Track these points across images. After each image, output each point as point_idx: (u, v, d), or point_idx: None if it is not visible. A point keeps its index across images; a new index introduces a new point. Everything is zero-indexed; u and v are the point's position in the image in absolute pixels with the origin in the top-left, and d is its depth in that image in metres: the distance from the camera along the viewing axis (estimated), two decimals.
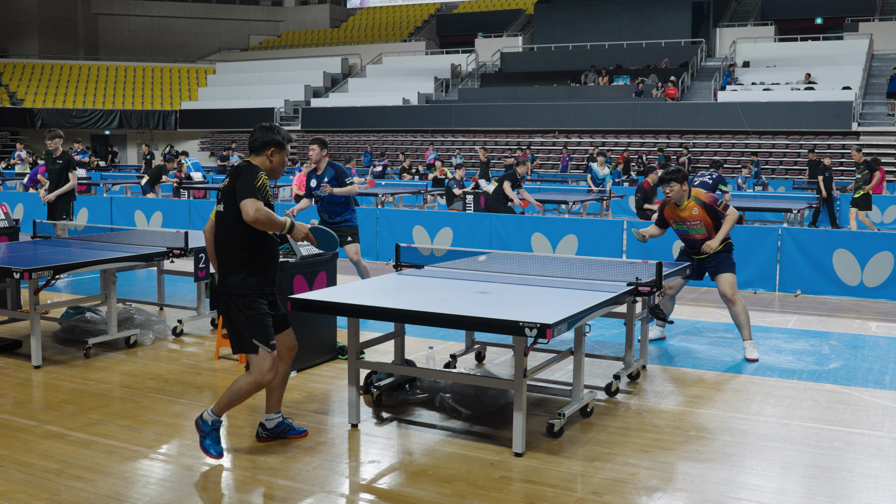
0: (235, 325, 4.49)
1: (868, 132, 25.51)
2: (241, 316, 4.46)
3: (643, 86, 29.18)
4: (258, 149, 4.57)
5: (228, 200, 4.43)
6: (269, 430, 4.91)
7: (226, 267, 4.50)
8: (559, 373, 6.38)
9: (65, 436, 5.00)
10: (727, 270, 7.04)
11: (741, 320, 7.03)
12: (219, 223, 4.53)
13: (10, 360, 6.76)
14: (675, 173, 6.96)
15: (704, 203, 6.98)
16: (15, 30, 40.40)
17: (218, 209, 4.53)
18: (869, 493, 4.32)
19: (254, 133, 4.58)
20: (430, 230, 12.23)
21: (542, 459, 4.70)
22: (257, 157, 4.57)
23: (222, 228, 4.49)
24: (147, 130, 36.58)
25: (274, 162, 4.59)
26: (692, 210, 6.99)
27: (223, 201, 4.48)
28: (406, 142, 31.28)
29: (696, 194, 7.05)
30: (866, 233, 10.19)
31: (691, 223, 7.04)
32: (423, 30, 40.89)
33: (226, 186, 4.47)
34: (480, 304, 5.05)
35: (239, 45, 43.93)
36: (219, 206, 4.52)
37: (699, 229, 7.04)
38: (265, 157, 4.57)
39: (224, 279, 4.50)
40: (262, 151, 4.57)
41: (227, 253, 4.49)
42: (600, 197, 17.26)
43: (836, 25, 32.44)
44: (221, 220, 4.49)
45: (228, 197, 4.43)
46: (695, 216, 6.99)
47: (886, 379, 6.40)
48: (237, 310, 4.47)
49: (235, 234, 4.44)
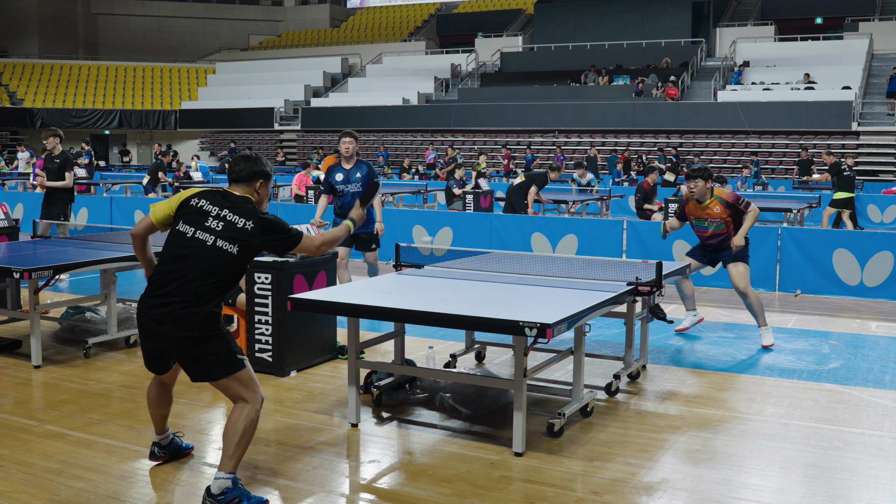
0: (219, 351, 3.99)
1: (868, 132, 25.50)
2: (222, 341, 4.02)
3: (643, 86, 29.18)
4: (246, 179, 4.16)
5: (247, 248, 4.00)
6: (165, 448, 4.57)
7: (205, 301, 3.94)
8: (559, 372, 6.38)
9: (65, 436, 5.00)
10: (741, 260, 7.34)
11: (756, 309, 7.34)
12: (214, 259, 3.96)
13: (10, 360, 6.75)
14: (700, 171, 7.31)
15: (727, 202, 7.29)
16: (15, 30, 40.41)
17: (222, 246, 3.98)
18: (869, 493, 4.32)
19: (238, 163, 4.18)
20: (430, 230, 12.23)
21: (542, 459, 4.70)
22: (244, 188, 4.16)
23: (218, 266, 3.96)
24: (147, 130, 36.59)
25: (261, 194, 4.21)
26: (714, 208, 7.31)
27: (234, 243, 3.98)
28: (406, 142, 31.28)
29: (718, 193, 7.36)
30: (866, 232, 10.19)
31: (712, 220, 7.34)
32: (423, 30, 40.89)
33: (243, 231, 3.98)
34: (480, 304, 5.05)
35: (239, 45, 43.94)
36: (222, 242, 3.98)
37: (719, 226, 7.34)
38: (253, 188, 4.17)
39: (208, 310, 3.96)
40: (251, 182, 4.17)
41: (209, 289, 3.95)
42: (599, 197, 17.27)
43: (836, 25, 32.44)
44: (222, 259, 3.97)
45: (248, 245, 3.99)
46: (716, 213, 7.30)
47: (886, 378, 6.40)
48: (219, 337, 4.01)
49: (231, 272, 4.01)
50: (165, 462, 4.57)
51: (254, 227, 4.01)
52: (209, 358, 4.00)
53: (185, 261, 3.97)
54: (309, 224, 6.84)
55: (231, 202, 4.09)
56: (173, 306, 3.92)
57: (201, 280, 3.95)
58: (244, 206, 4.08)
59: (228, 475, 3.96)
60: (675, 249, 10.41)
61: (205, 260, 3.97)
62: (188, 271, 3.95)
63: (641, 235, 10.78)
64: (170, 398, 4.47)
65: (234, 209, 4.06)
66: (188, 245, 4.00)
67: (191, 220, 4.04)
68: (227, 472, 3.95)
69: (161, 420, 4.51)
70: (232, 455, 3.96)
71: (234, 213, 4.04)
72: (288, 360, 6.35)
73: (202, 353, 3.99)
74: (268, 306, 6.31)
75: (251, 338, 6.42)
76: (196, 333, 3.94)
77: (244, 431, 3.99)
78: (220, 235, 3.99)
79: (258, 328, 6.37)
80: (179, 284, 3.94)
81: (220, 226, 4.01)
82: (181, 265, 3.97)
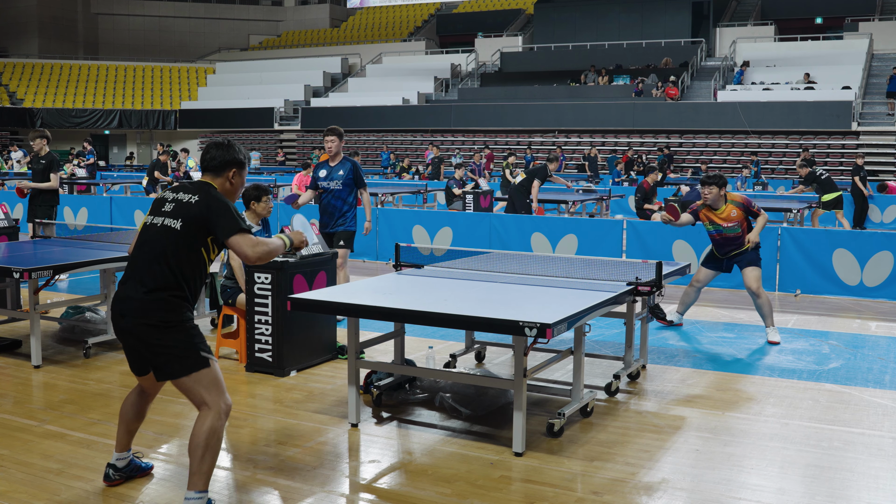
0: (180, 344, 3.81)
1: (868, 132, 25.51)
2: (186, 335, 3.83)
3: (643, 86, 29.17)
4: (217, 168, 4.00)
5: (189, 221, 3.85)
6: (121, 470, 4.30)
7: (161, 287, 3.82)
8: (559, 372, 6.38)
9: (65, 436, 5.00)
10: (754, 265, 7.55)
11: (765, 311, 7.54)
12: (163, 239, 3.86)
13: (10, 360, 6.75)
14: (715, 178, 7.57)
15: (741, 204, 7.54)
16: (15, 30, 40.41)
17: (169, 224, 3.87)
18: (869, 493, 4.32)
19: (209, 151, 4.03)
20: (430, 230, 12.23)
21: (542, 459, 4.70)
22: (216, 178, 4.01)
23: (167, 246, 3.84)
24: (147, 130, 36.59)
25: (234, 184, 4.06)
26: (730, 212, 7.54)
27: (178, 218, 3.86)
28: (406, 142, 31.28)
29: (731, 198, 7.60)
30: (866, 232, 10.19)
31: (728, 224, 7.55)
32: (422, 29, 40.89)
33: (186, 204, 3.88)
34: (480, 304, 5.05)
35: (239, 45, 43.94)
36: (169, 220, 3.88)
37: (735, 229, 7.55)
38: (225, 178, 4.02)
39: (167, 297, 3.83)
40: (223, 172, 4.01)
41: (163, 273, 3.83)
42: (598, 197, 17.26)
43: (836, 25, 32.43)
44: (168, 236, 3.85)
45: (190, 218, 3.85)
46: (733, 218, 7.53)
47: (886, 378, 6.40)
48: (181, 329, 3.83)
49: (178, 251, 3.85)
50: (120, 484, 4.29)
51: (198, 201, 3.87)
52: (169, 350, 3.79)
53: (143, 247, 3.92)
54: (310, 224, 6.84)
55: (187, 188, 3.98)
56: (134, 294, 3.83)
57: (156, 262, 3.82)
58: (197, 187, 3.95)
59: (199, 495, 3.75)
60: (674, 249, 10.41)
61: (157, 243, 3.86)
62: (145, 257, 3.87)
63: (641, 235, 10.78)
64: (143, 412, 4.27)
65: (190, 190, 3.95)
66: (145, 233, 3.95)
67: (153, 210, 4.00)
68: (196, 490, 3.74)
69: (127, 436, 4.29)
70: (198, 471, 3.73)
71: (187, 193, 3.94)
72: (288, 360, 6.35)
73: (161, 344, 3.79)
74: (268, 306, 6.31)
75: (251, 338, 6.42)
76: (154, 321, 3.77)
77: (207, 445, 3.74)
78: (168, 215, 3.90)
79: (258, 328, 6.37)
80: (138, 271, 3.87)
81: (172, 207, 3.92)
82: (140, 253, 3.92)
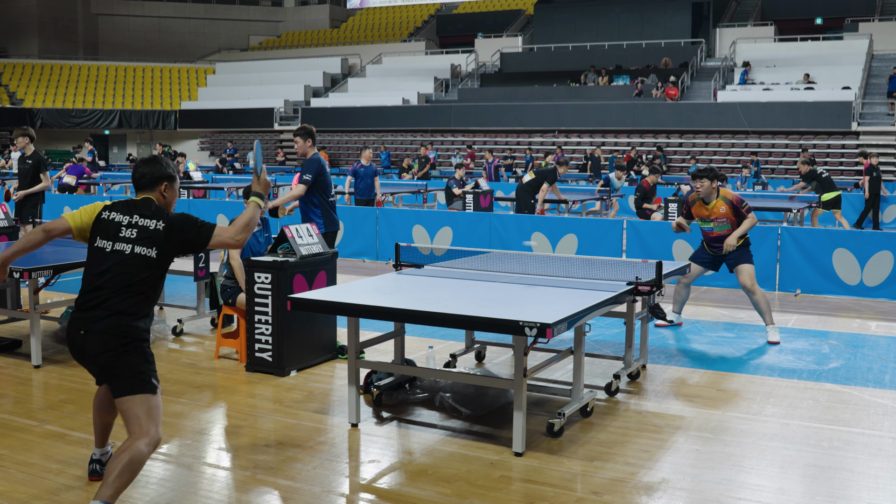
0: (135, 366, 3.88)
1: (868, 132, 25.51)
2: (143, 358, 3.92)
3: (642, 86, 29.17)
4: (149, 185, 4.09)
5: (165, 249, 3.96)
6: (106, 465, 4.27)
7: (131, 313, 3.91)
8: (559, 372, 6.38)
9: (65, 436, 5.00)
10: (746, 262, 7.50)
11: (762, 307, 7.49)
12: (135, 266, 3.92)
13: (10, 360, 6.76)
14: (706, 171, 7.51)
15: (731, 202, 7.45)
16: (15, 30, 40.40)
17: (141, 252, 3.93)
18: (869, 493, 4.32)
19: (138, 169, 4.11)
20: (430, 230, 12.23)
21: (542, 459, 4.70)
22: (150, 193, 4.09)
23: (139, 273, 3.92)
24: (147, 130, 36.59)
25: (167, 197, 4.12)
26: (720, 208, 7.46)
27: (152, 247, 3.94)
28: (406, 142, 31.28)
29: (724, 193, 7.54)
30: (866, 232, 10.19)
31: (718, 221, 7.49)
32: (422, 30, 40.88)
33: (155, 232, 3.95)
34: (480, 304, 5.05)
35: (239, 46, 43.93)
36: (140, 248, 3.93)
37: (724, 226, 7.50)
38: (158, 192, 4.09)
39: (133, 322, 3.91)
40: (155, 187, 4.09)
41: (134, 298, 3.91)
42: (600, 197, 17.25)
43: (836, 25, 32.42)
44: (142, 265, 3.92)
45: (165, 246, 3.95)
46: (722, 214, 7.47)
47: (886, 378, 6.40)
48: (140, 352, 3.92)
49: (152, 279, 3.96)
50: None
51: (164, 227, 3.96)
52: (123, 371, 3.87)
53: (109, 274, 3.92)
54: (309, 225, 6.84)
55: (138, 208, 4.03)
56: (101, 322, 3.87)
57: (126, 290, 3.89)
58: (149, 208, 4.02)
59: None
60: (675, 249, 10.41)
61: (127, 270, 3.91)
62: (112, 285, 3.90)
63: (641, 235, 10.78)
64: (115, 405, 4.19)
65: (143, 214, 4.01)
66: (109, 258, 3.96)
67: (106, 234, 4.00)
68: (102, 500, 3.68)
69: (104, 430, 4.35)
70: (110, 483, 3.71)
71: (143, 217, 3.99)
72: (288, 360, 6.35)
73: (117, 366, 3.87)
74: (268, 306, 6.31)
75: (251, 338, 6.42)
76: (119, 346, 3.86)
77: (129, 465, 3.74)
78: (136, 242, 3.95)
79: (258, 328, 6.37)
80: (106, 298, 3.89)
81: (135, 233, 3.97)
82: (105, 279, 3.92)
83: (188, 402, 5.69)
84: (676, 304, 8.09)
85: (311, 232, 6.69)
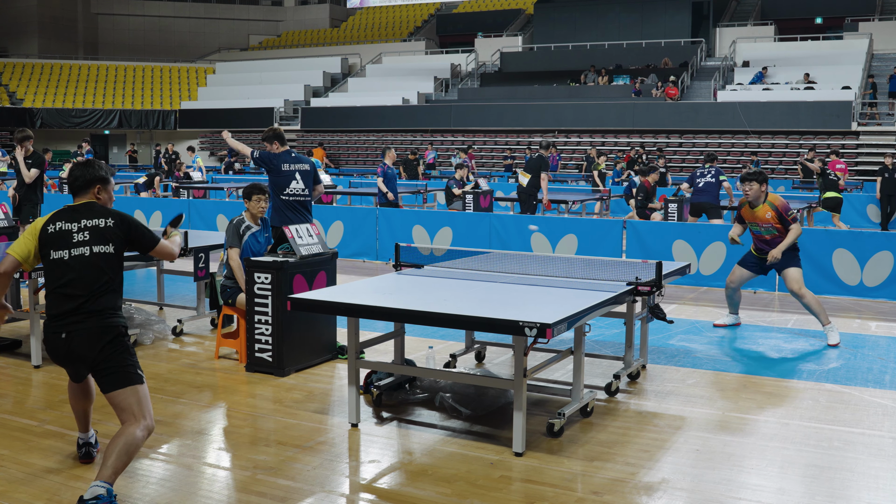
0: (122, 361, 4.09)
1: (868, 132, 25.51)
2: (127, 352, 4.13)
3: (641, 86, 29.16)
4: (83, 188, 4.23)
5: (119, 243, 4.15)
6: (95, 445, 4.65)
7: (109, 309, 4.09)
8: (559, 372, 6.38)
9: (65, 436, 5.00)
10: (793, 265, 7.52)
11: (815, 309, 7.50)
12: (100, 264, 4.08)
13: (10, 360, 6.76)
14: (755, 174, 7.52)
15: (777, 209, 7.46)
16: (15, 30, 40.40)
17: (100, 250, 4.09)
18: (869, 493, 4.32)
19: (72, 173, 4.25)
20: (430, 230, 12.23)
21: (542, 459, 4.70)
22: (84, 197, 4.24)
23: (106, 269, 4.09)
24: (147, 130, 36.59)
25: (102, 199, 4.27)
26: (766, 213, 7.48)
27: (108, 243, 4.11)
28: (406, 142, 31.27)
29: (771, 199, 7.53)
30: (866, 232, 10.19)
31: (764, 225, 7.52)
32: (422, 29, 40.89)
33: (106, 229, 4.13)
34: (480, 304, 5.05)
35: (239, 45, 43.93)
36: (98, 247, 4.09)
37: (771, 231, 7.52)
38: (92, 194, 4.24)
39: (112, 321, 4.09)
40: (89, 189, 4.24)
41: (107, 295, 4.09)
42: (599, 197, 17.25)
43: (835, 25, 32.43)
44: (106, 261, 4.10)
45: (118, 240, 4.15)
46: (767, 219, 7.48)
47: (886, 378, 6.40)
48: (124, 346, 4.12)
49: (116, 273, 4.16)
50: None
51: (114, 222, 4.17)
52: (112, 367, 4.07)
53: (77, 280, 4.07)
54: (309, 225, 6.84)
55: (81, 213, 4.17)
56: (82, 323, 4.04)
57: (98, 289, 4.08)
58: (92, 209, 4.21)
59: (104, 484, 3.86)
60: (674, 249, 10.41)
61: (92, 270, 4.08)
62: (84, 288, 4.06)
63: (641, 235, 10.78)
64: (91, 391, 4.48)
65: (88, 216, 4.16)
66: (72, 266, 4.08)
67: (59, 245, 4.11)
68: (103, 480, 3.86)
69: (84, 417, 4.54)
70: (109, 465, 3.89)
71: (90, 218, 4.15)
72: (288, 360, 6.35)
73: (106, 362, 4.06)
74: (268, 306, 6.31)
75: (251, 338, 6.42)
76: (107, 342, 4.06)
77: (122, 449, 3.93)
78: (92, 243, 4.11)
79: (258, 328, 6.37)
80: (82, 303, 4.04)
81: (88, 235, 4.11)
82: (75, 286, 4.06)
83: (188, 402, 5.69)
84: (731, 307, 8.09)
85: (310, 232, 6.70)
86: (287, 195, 7.71)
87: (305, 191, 7.79)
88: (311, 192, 7.88)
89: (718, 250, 10.20)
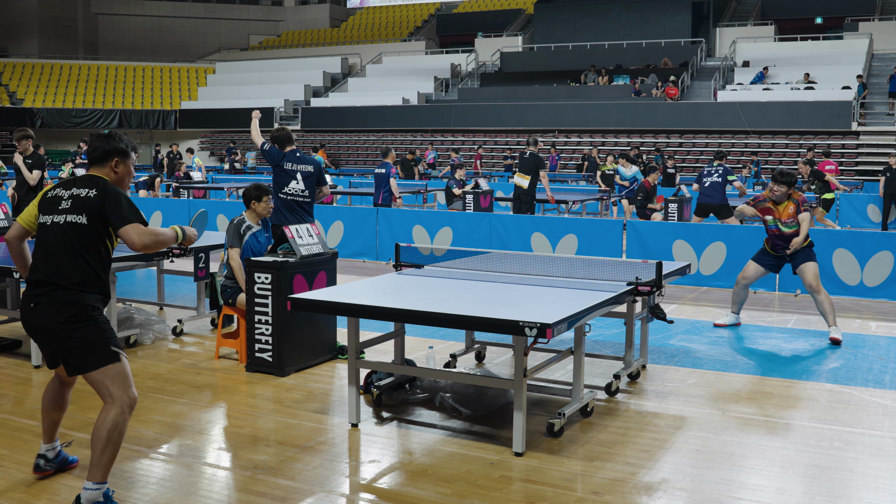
0: (90, 339, 3.90)
1: (868, 132, 25.51)
2: (98, 329, 3.92)
3: (641, 86, 29.17)
4: (100, 160, 4.09)
5: (92, 214, 3.93)
6: (52, 461, 4.39)
7: (77, 282, 3.91)
8: (559, 372, 6.38)
9: (64, 436, 4.99)
10: (809, 260, 7.67)
11: (825, 308, 7.59)
12: (69, 235, 3.93)
13: (10, 360, 6.76)
14: (788, 176, 7.70)
15: (797, 202, 7.68)
16: (15, 30, 40.40)
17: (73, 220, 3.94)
18: (869, 493, 4.32)
19: (92, 143, 4.12)
20: (430, 230, 12.23)
21: (542, 459, 4.70)
22: (101, 169, 4.09)
23: (75, 241, 3.92)
24: (147, 130, 36.59)
25: (119, 173, 4.12)
26: (789, 209, 7.65)
27: (81, 213, 3.94)
28: (406, 142, 31.27)
29: (793, 195, 7.71)
30: (866, 233, 10.19)
31: (787, 221, 7.66)
32: (422, 29, 40.89)
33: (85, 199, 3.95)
34: (480, 304, 5.05)
35: (239, 45, 43.94)
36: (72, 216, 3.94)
37: (792, 226, 7.66)
38: (109, 168, 4.09)
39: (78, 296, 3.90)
40: (106, 162, 4.09)
41: (75, 269, 3.91)
42: (599, 197, 17.25)
43: (835, 25, 32.43)
44: (75, 232, 3.92)
45: (92, 211, 3.93)
46: (790, 214, 7.64)
47: (886, 378, 6.40)
48: (92, 325, 3.91)
49: (87, 246, 3.95)
50: (52, 476, 4.36)
51: (96, 194, 3.95)
52: (78, 345, 3.88)
53: (48, 246, 3.98)
54: (309, 225, 6.84)
55: (79, 183, 4.05)
56: (47, 295, 3.91)
57: (67, 260, 3.91)
58: (90, 181, 4.03)
59: (97, 486, 3.76)
60: (674, 249, 10.41)
61: (63, 239, 3.93)
62: (53, 256, 3.93)
63: (641, 235, 10.78)
64: (65, 402, 4.32)
65: (80, 186, 4.02)
66: (47, 231, 4.00)
67: (48, 209, 4.05)
68: (95, 482, 3.75)
69: (52, 427, 4.34)
70: (98, 463, 3.77)
71: (80, 188, 4.01)
72: (288, 360, 6.35)
73: (72, 338, 3.87)
74: (268, 306, 6.31)
75: (251, 338, 6.42)
76: (66, 317, 3.86)
77: (109, 438, 3.80)
78: (69, 211, 3.96)
79: (258, 328, 6.37)
80: (48, 271, 3.94)
81: (70, 203, 3.98)
82: (46, 253, 3.98)
83: (188, 402, 5.69)
84: (735, 305, 8.13)
85: (310, 232, 6.70)
86: (285, 194, 7.73)
87: (305, 192, 7.79)
88: (313, 194, 7.88)
89: (718, 250, 10.21)
